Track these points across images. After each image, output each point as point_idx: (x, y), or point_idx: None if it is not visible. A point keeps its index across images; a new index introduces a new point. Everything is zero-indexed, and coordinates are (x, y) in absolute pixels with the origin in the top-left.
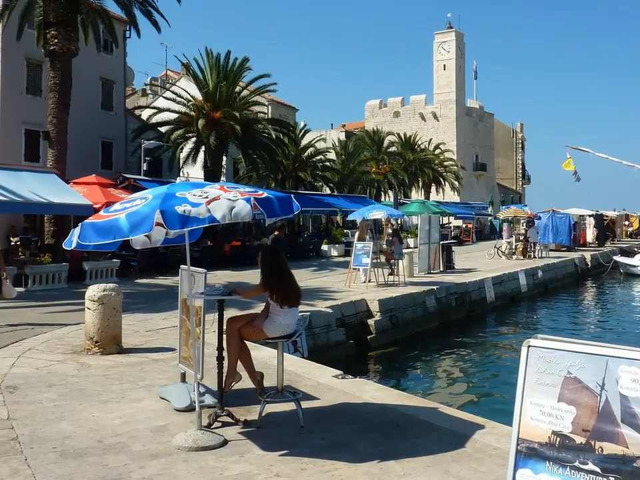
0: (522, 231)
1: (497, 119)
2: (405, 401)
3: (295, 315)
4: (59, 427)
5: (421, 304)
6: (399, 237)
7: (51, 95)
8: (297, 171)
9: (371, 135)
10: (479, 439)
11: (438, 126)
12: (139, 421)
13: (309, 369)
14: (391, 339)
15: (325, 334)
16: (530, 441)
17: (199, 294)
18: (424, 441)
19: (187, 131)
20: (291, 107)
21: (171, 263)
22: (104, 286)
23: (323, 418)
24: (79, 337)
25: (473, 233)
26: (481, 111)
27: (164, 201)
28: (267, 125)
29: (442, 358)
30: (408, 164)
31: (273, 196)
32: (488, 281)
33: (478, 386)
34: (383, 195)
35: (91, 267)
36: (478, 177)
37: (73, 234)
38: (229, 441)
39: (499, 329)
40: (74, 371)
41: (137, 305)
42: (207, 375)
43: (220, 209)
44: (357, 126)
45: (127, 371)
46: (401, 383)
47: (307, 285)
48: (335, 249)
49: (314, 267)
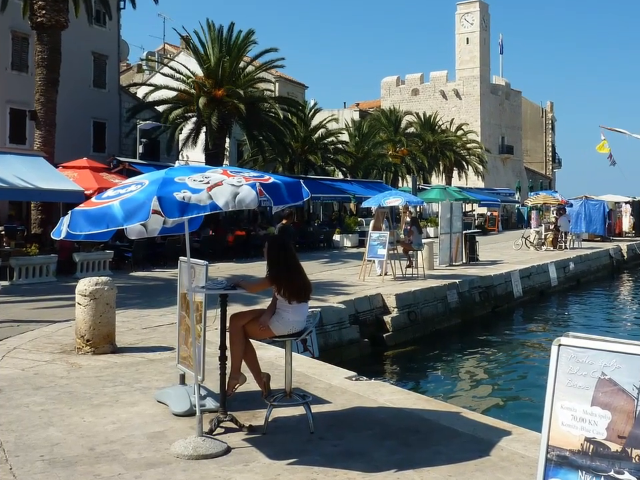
0: (552, 219)
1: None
2: (424, 405)
3: (305, 310)
4: (46, 433)
5: (442, 299)
6: (417, 226)
7: (38, 71)
8: (306, 153)
9: (388, 114)
10: (505, 447)
11: (460, 105)
12: (135, 426)
13: (320, 369)
14: (409, 337)
15: (337, 332)
16: (561, 449)
17: (199, 288)
18: (445, 448)
19: (187, 111)
20: (300, 85)
21: (169, 255)
22: (96, 279)
23: (335, 423)
24: (68, 335)
25: (498, 221)
26: (507, 89)
27: (161, 187)
28: (273, 104)
29: (465, 358)
30: (428, 146)
31: (281, 181)
32: (515, 273)
33: (504, 388)
34: (400, 180)
35: (82, 258)
36: (504, 160)
37: (62, 223)
38: (233, 449)
39: (527, 326)
40: (63, 372)
41: (132, 300)
42: (209, 377)
43: (222, 195)
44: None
45: (121, 372)
46: (420, 385)
47: (317, 279)
48: (348, 239)
49: (325, 259)
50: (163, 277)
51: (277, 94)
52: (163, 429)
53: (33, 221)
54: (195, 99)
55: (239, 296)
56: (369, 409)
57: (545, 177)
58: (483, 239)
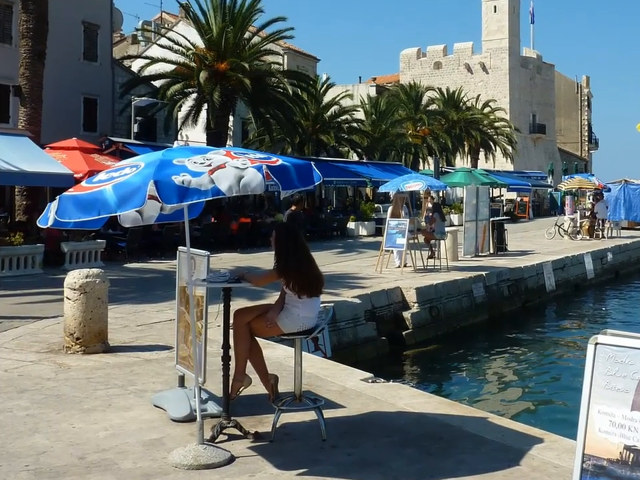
0: (588, 205)
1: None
2: (447, 410)
3: (316, 306)
4: (32, 440)
5: (467, 293)
6: (440, 213)
7: (23, 42)
8: (318, 133)
9: (407, 90)
10: (536, 455)
11: (487, 79)
12: (129, 433)
13: (333, 370)
14: (431, 334)
15: (351, 329)
16: (598, 458)
17: (200, 281)
18: (470, 457)
19: (186, 86)
20: (311, 57)
21: (167, 244)
22: (86, 271)
23: (349, 430)
24: (56, 332)
25: (529, 207)
26: (538, 62)
27: (158, 170)
28: (282, 78)
29: (492, 358)
30: (451, 125)
31: (290, 163)
32: (547, 265)
33: (535, 391)
34: (421, 162)
35: (71, 248)
36: (535, 140)
37: (49, 209)
38: (237, 458)
39: (561, 323)
40: (51, 373)
41: (126, 294)
42: (210, 379)
43: (226, 179)
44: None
45: (115, 374)
46: (442, 387)
47: (330, 270)
48: (364, 227)
49: (338, 249)
50: (160, 269)
51: (286, 67)
52: (160, 436)
53: (17, 207)
54: (195, 73)
55: (243, 290)
56: (386, 414)
57: (580, 158)
58: (512, 226)
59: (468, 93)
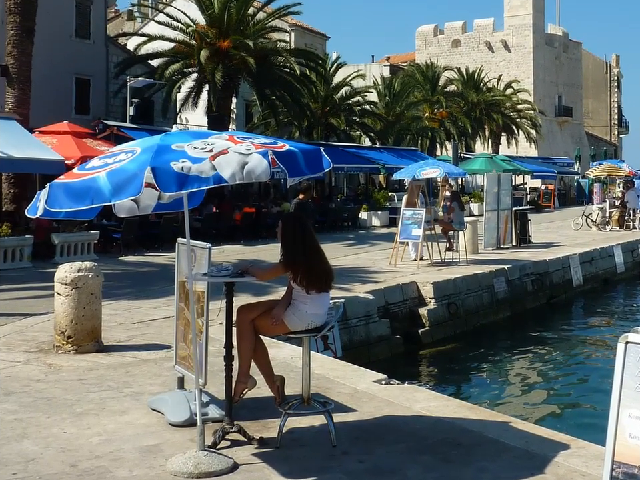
0: (618, 194)
1: (585, 50)
2: (467, 414)
3: (325, 302)
4: (20, 446)
5: (488, 288)
6: (459, 202)
7: (10, 18)
8: (327, 116)
9: (424, 70)
10: (562, 463)
11: (510, 59)
12: (124, 439)
13: (344, 371)
14: (449, 333)
15: (363, 327)
16: (628, 465)
17: (201, 275)
18: (492, 465)
19: (186, 65)
20: (321, 35)
21: (165, 236)
22: (79, 265)
23: (361, 435)
24: (46, 330)
25: (554, 196)
26: (565, 40)
27: (156, 156)
28: (289, 57)
29: (515, 358)
30: (471, 107)
31: (297, 149)
32: (574, 258)
33: (561, 394)
34: (438, 147)
35: (62, 240)
36: (561, 124)
37: (38, 198)
38: (240, 465)
39: (589, 320)
40: (40, 374)
41: (121, 289)
42: (212, 380)
43: (228, 165)
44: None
45: (109, 375)
46: (461, 390)
47: (340, 264)
48: (377, 217)
49: (350, 241)
50: (158, 262)
51: (293, 46)
52: (157, 442)
53: (4, 196)
54: (195, 51)
55: (247, 285)
56: (401, 419)
57: (609, 143)
58: (536, 217)
59: (489, 73)
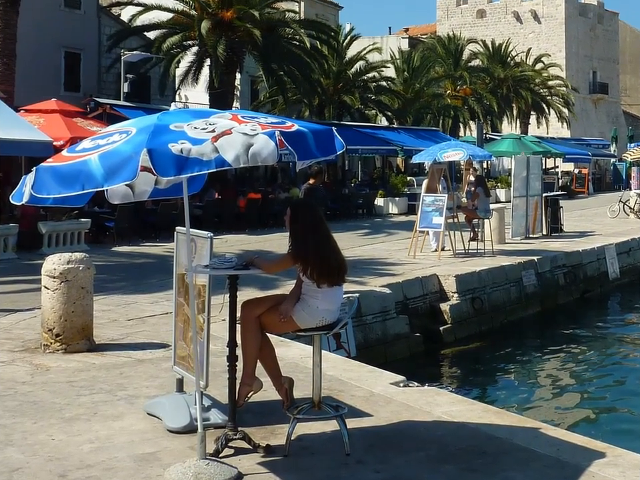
0: None
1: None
2: (492, 419)
3: (338, 297)
4: (4, 454)
5: (516, 282)
6: (484, 188)
7: None
8: (340, 93)
9: (445, 42)
10: (597, 473)
11: (540, 30)
12: (118, 446)
13: (358, 373)
14: (474, 330)
15: (380, 324)
16: None
17: (202, 267)
18: (520, 475)
19: (186, 38)
20: (333, 4)
21: (163, 224)
22: (68, 256)
23: (377, 443)
24: (32, 328)
25: (588, 181)
26: (600, 10)
27: (153, 137)
28: (298, 29)
29: (545, 358)
30: (497, 84)
31: (307, 129)
32: (610, 249)
33: (596, 397)
34: (461, 127)
35: (50, 229)
36: (596, 102)
37: (24, 183)
38: (245, 475)
39: (626, 316)
40: (26, 376)
41: (114, 282)
42: (214, 382)
43: (232, 147)
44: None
45: (101, 377)
46: (487, 393)
47: (354, 255)
48: (395, 203)
49: (365, 230)
50: (155, 253)
51: (303, 16)
52: (154, 450)
53: None
54: (195, 22)
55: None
56: (421, 424)
57: None
58: (569, 203)
59: (517, 46)
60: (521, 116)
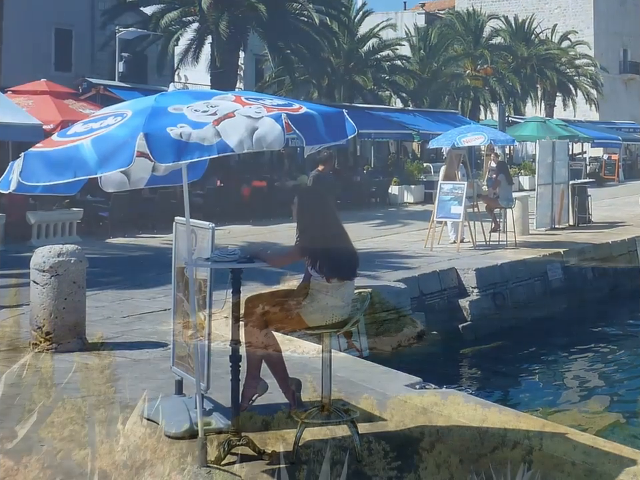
0: None
1: None
2: (515, 424)
3: (349, 292)
4: None
5: (541, 276)
6: (506, 175)
7: None
8: (351, 73)
9: (465, 18)
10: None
11: (566, 5)
12: (113, 453)
13: (370, 374)
14: (495, 328)
15: (394, 321)
16: None
17: (203, 260)
18: None
19: (185, 13)
20: None
21: (161, 214)
22: (59, 248)
23: (391, 449)
24: (20, 325)
25: (619, 167)
26: None
27: (150, 120)
28: (306, 4)
29: (572, 358)
30: (520, 63)
31: (316, 112)
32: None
33: (627, 400)
34: (482, 110)
35: (40, 219)
36: (627, 82)
37: (11, 170)
38: None
39: None
40: (13, 377)
41: (109, 277)
42: (216, 384)
43: (235, 131)
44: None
45: (94, 378)
46: (509, 395)
47: (367, 247)
48: (410, 192)
49: (378, 220)
50: (152, 245)
51: None
52: (152, 457)
53: None
54: None
55: (257, 272)
56: (438, 429)
57: None
58: (598, 191)
59: (542, 22)
60: (546, 97)
